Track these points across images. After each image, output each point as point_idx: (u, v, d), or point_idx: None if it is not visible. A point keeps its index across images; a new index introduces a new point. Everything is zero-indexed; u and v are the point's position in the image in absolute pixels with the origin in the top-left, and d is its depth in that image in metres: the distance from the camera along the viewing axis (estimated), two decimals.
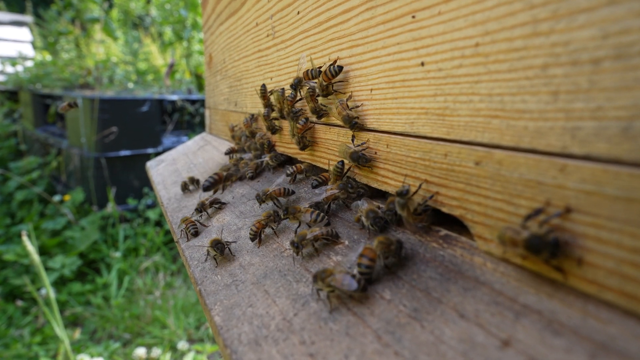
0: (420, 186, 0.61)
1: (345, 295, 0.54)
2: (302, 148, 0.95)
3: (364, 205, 0.69)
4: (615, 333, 0.37)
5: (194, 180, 1.29)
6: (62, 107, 1.78)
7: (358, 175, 0.79)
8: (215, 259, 0.79)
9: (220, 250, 0.77)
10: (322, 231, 0.67)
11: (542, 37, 0.42)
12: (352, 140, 0.78)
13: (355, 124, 0.74)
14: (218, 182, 1.14)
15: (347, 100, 0.77)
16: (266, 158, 1.15)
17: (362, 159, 0.72)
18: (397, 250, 0.57)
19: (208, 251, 0.79)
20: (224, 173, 1.17)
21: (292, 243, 0.68)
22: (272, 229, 0.82)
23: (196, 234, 0.94)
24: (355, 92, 0.76)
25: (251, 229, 0.79)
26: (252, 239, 0.79)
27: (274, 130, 1.15)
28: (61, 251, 3.35)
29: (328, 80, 0.79)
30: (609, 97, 0.37)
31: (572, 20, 0.40)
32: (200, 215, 1.04)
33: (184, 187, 1.28)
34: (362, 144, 0.75)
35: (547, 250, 0.42)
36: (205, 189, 1.13)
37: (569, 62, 0.40)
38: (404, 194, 0.57)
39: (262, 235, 0.81)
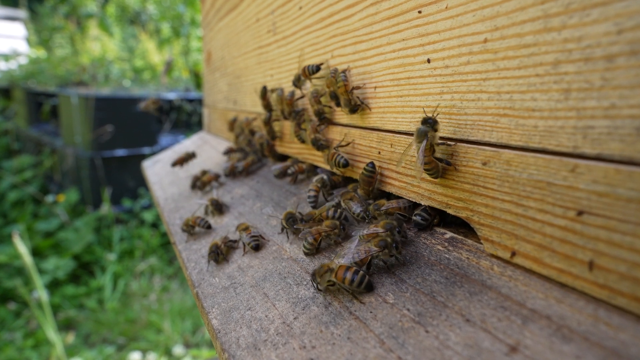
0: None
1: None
2: (319, 148, 0.87)
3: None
4: (627, 339, 0.36)
5: (205, 173, 1.26)
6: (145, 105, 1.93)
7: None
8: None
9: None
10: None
11: (554, 33, 0.41)
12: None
13: (355, 110, 0.72)
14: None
15: (353, 86, 0.72)
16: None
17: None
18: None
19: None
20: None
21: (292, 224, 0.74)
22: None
23: (220, 208, 1.01)
24: (358, 90, 0.75)
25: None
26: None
27: (273, 136, 1.13)
28: (54, 253, 3.30)
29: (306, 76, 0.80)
30: (623, 95, 0.36)
31: (585, 15, 0.38)
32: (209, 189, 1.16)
33: (195, 182, 1.25)
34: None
35: None
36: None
37: (581, 59, 0.39)
38: (430, 122, 0.52)
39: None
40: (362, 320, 0.49)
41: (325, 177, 0.86)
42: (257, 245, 0.77)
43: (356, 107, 0.72)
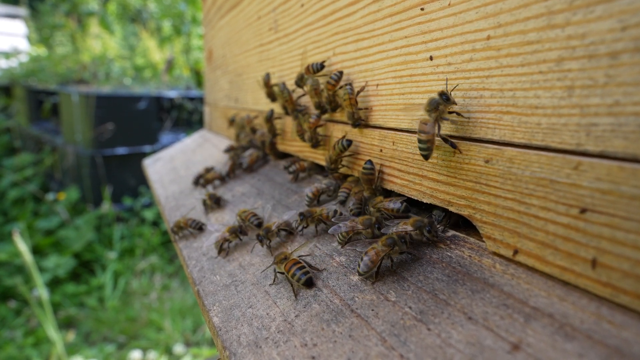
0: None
1: None
2: (314, 146, 0.89)
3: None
4: (630, 337, 0.35)
5: (209, 170, 1.26)
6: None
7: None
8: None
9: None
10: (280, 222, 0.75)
11: (558, 30, 0.41)
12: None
13: (358, 125, 0.73)
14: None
15: (357, 93, 0.73)
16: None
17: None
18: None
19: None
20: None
21: (257, 236, 0.74)
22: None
23: (218, 202, 1.02)
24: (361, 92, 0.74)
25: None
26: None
27: (275, 133, 1.13)
28: (55, 251, 3.31)
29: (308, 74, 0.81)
30: (627, 92, 0.36)
31: (589, 12, 0.38)
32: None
33: (198, 180, 1.25)
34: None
35: None
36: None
37: (585, 56, 0.39)
38: (444, 97, 0.51)
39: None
40: (363, 318, 0.49)
41: (332, 182, 0.86)
42: (259, 223, 0.80)
43: (359, 122, 0.73)
